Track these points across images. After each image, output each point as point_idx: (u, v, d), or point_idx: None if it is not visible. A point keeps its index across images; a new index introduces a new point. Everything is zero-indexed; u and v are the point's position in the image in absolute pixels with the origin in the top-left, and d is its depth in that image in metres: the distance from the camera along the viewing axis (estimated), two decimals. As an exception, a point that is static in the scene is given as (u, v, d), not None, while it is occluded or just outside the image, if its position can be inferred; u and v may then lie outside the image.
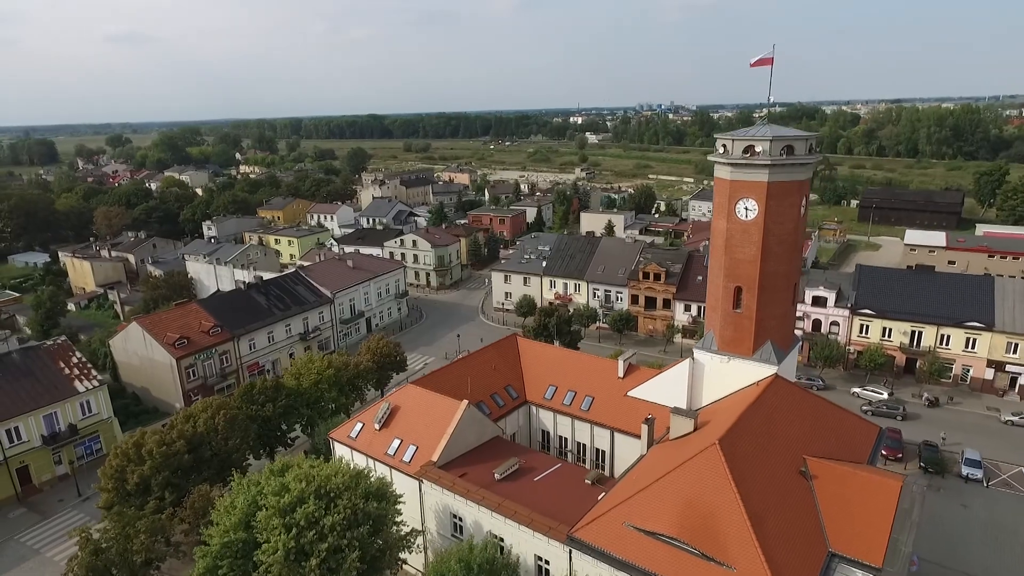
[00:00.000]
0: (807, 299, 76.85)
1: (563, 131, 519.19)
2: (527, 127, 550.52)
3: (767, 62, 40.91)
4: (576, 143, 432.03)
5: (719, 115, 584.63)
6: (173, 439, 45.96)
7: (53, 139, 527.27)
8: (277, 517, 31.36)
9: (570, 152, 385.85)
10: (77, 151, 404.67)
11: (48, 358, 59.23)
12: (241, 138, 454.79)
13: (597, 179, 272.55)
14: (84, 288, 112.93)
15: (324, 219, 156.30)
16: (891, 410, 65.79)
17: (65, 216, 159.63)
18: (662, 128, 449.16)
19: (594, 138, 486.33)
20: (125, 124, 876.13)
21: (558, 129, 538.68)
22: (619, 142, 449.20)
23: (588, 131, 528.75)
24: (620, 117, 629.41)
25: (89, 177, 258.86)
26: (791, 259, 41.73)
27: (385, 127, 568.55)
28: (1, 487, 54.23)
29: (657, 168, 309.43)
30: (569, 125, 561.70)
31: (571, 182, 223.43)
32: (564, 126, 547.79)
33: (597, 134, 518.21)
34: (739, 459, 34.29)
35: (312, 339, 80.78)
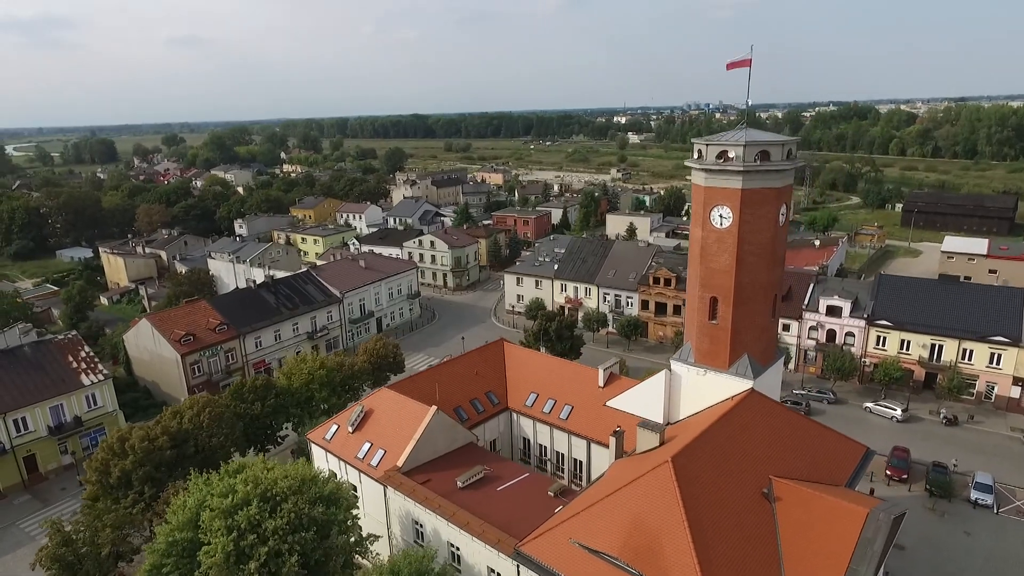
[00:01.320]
0: (821, 308, 73.88)
1: (605, 131, 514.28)
2: (569, 127, 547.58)
3: (745, 63, 39.27)
4: (617, 143, 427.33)
5: (768, 114, 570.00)
6: (157, 435, 47.18)
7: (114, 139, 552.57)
8: (220, 519, 31.74)
9: (610, 152, 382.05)
10: (134, 150, 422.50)
11: (58, 352, 61.78)
12: (288, 137, 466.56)
13: (633, 180, 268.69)
14: (118, 283, 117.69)
15: (352, 218, 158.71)
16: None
17: (111, 213, 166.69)
18: (706, 128, 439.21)
19: (636, 138, 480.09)
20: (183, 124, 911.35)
21: (600, 129, 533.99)
22: (661, 142, 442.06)
23: (631, 131, 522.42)
24: (664, 117, 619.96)
25: (141, 175, 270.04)
26: (769, 270, 39.95)
27: (428, 127, 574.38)
28: (8, 474, 56.83)
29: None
30: (611, 125, 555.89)
31: (604, 183, 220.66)
32: (606, 126, 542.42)
33: (640, 134, 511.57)
34: (694, 478, 33.01)
35: (320, 338, 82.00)
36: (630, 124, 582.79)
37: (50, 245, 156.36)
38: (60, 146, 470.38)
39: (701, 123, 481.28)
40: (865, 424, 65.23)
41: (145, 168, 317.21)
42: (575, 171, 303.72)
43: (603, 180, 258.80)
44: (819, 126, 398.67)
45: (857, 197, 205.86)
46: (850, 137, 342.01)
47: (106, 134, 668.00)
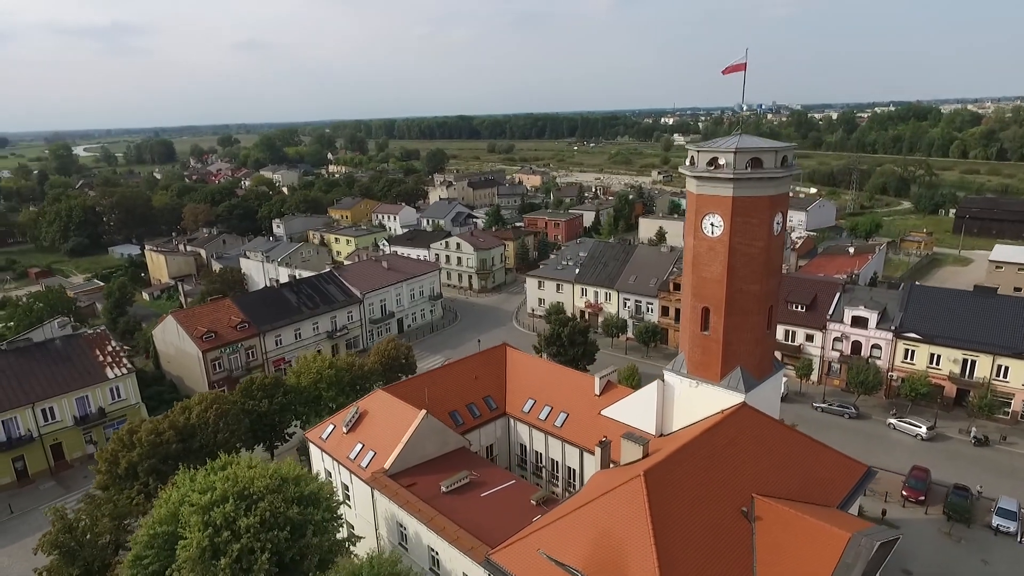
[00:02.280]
0: (846, 319, 71.09)
1: (650, 132, 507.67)
2: (614, 128, 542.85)
3: (740, 68, 38.19)
4: (661, 145, 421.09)
5: (823, 115, 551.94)
6: (164, 429, 48.96)
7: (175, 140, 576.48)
8: (197, 514, 32.70)
9: (654, 154, 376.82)
10: (191, 151, 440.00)
11: (86, 346, 64.81)
12: (336, 138, 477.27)
13: (674, 182, 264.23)
14: (160, 280, 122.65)
15: (387, 219, 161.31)
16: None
17: (160, 212, 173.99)
18: (754, 129, 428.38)
19: (682, 140, 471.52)
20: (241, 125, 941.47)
21: (645, 130, 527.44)
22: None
23: (677, 132, 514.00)
24: (713, 118, 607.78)
25: (194, 175, 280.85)
26: (763, 280, 38.70)
27: (473, 128, 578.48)
28: (36, 461, 59.93)
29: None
30: (657, 126, 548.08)
31: (641, 185, 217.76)
32: (651, 127, 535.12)
33: (687, 135, 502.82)
34: (668, 494, 32.26)
35: (339, 337, 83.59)
36: (677, 125, 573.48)
37: (104, 242, 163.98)
38: (124, 147, 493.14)
39: (749, 124, 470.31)
40: (887, 441, 62.52)
41: (199, 168, 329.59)
42: (616, 173, 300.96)
43: (642, 183, 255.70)
44: (874, 127, 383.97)
45: (908, 202, 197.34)
46: (907, 139, 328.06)
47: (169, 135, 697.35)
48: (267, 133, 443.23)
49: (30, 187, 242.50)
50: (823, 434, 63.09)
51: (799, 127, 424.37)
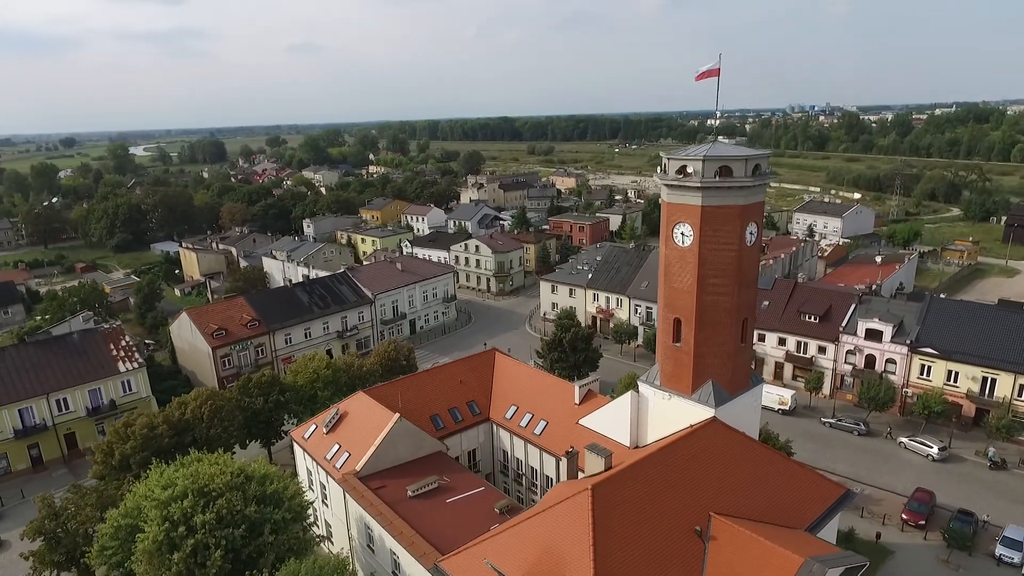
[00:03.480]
0: (859, 331, 68.40)
1: (694, 134, 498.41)
2: (657, 130, 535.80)
3: (713, 74, 37.15)
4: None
5: (878, 116, 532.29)
6: (158, 423, 50.68)
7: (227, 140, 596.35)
8: (156, 508, 33.76)
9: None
10: (241, 151, 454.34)
11: (101, 340, 67.68)
12: (379, 139, 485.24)
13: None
14: (192, 276, 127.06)
15: (416, 220, 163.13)
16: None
17: (200, 211, 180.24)
18: (801, 132, 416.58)
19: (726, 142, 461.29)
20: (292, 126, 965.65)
21: (689, 132, 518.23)
22: (752, 146, 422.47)
23: (723, 135, 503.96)
24: (761, 119, 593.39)
25: (239, 175, 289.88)
26: (735, 292, 37.50)
27: (515, 129, 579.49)
28: (51, 449, 62.91)
29: (784, 175, 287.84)
30: (702, 128, 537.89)
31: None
32: (696, 129, 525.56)
33: (732, 138, 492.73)
34: (616, 509, 31.60)
35: (349, 337, 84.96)
36: (722, 127, 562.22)
37: (147, 239, 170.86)
38: (179, 147, 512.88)
39: (797, 126, 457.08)
40: (895, 460, 59.90)
41: (245, 168, 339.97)
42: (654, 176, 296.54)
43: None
44: (930, 130, 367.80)
45: (959, 209, 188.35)
46: (965, 142, 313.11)
47: (223, 136, 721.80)
48: (312, 134, 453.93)
49: (86, 186, 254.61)
50: (828, 451, 61.31)
51: (849, 129, 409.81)
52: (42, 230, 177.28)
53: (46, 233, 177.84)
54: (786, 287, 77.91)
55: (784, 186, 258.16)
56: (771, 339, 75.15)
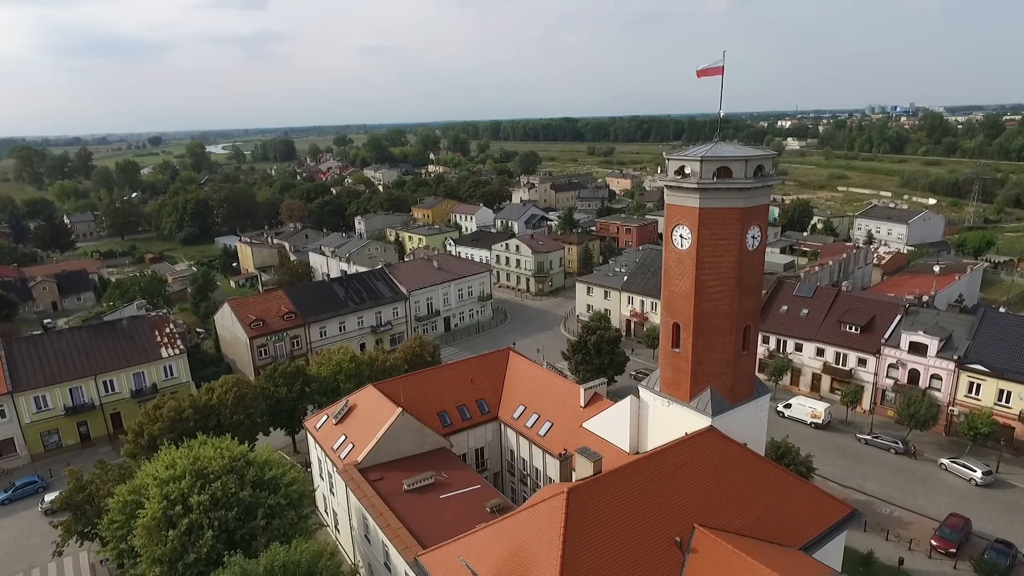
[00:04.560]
0: (903, 344, 64.64)
1: (761, 136, 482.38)
2: (723, 131, 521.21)
3: (716, 71, 35.94)
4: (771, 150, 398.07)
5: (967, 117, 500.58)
6: (185, 407, 53.30)
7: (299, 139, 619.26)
8: (157, 487, 35.56)
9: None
10: (309, 150, 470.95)
11: (148, 327, 71.72)
12: (441, 139, 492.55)
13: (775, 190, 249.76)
14: (247, 269, 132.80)
15: (464, 219, 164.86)
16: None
17: (261, 206, 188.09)
18: (878, 134, 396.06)
19: (795, 144, 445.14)
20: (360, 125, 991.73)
21: (757, 134, 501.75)
22: (823, 148, 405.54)
23: (791, 136, 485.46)
24: (836, 120, 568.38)
25: (304, 173, 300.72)
26: (734, 298, 36.21)
27: (577, 130, 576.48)
28: (98, 427, 67.16)
29: (854, 179, 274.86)
30: (771, 130, 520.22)
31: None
32: (763, 131, 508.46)
33: (803, 139, 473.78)
34: (593, 514, 31.09)
35: (383, 332, 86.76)
36: (793, 129, 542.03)
37: (212, 233, 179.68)
38: (252, 145, 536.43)
39: (874, 128, 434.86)
40: (934, 483, 56.29)
41: (311, 166, 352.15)
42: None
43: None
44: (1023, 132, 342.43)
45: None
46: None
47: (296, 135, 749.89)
48: (376, 133, 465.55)
49: (164, 182, 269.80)
50: (859, 468, 58.35)
51: (931, 131, 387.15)
52: (120, 223, 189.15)
53: (123, 226, 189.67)
54: (828, 295, 74.46)
55: (852, 190, 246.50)
56: (809, 349, 72.02)
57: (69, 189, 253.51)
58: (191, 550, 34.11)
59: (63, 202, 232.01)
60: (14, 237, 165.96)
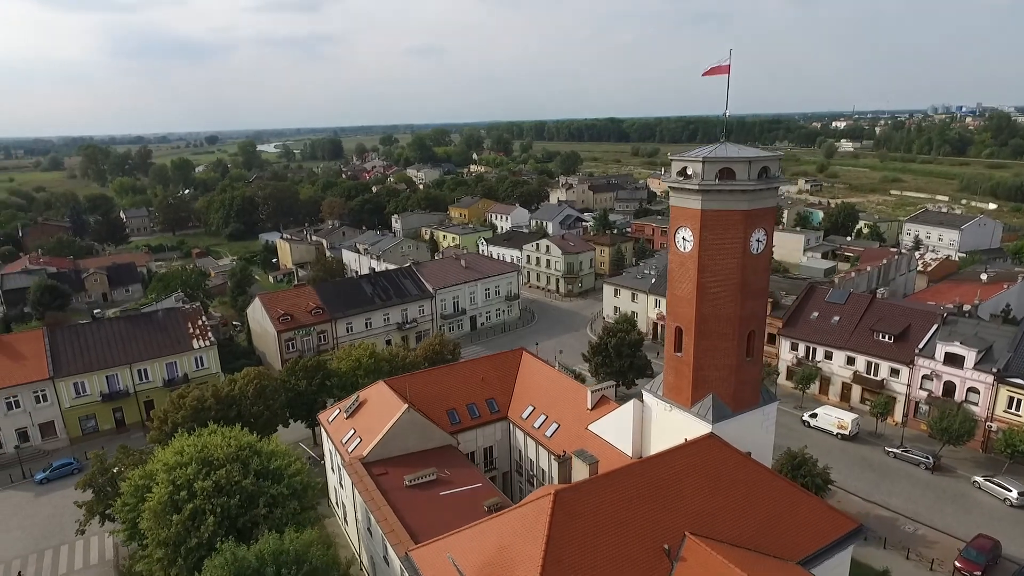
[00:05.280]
0: (938, 355, 61.83)
1: (813, 137, 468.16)
2: (773, 132, 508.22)
3: (723, 70, 35.13)
4: (823, 151, 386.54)
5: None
6: (207, 396, 55.14)
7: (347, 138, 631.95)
8: (165, 472, 36.95)
9: (812, 161, 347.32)
10: (356, 149, 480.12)
11: (181, 319, 74.46)
12: (484, 139, 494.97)
13: (823, 192, 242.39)
14: (286, 265, 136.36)
15: (500, 219, 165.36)
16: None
17: (303, 204, 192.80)
18: (938, 135, 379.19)
19: (849, 146, 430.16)
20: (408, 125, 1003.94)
21: (809, 135, 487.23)
22: (878, 150, 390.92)
23: (847, 137, 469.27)
24: (894, 121, 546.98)
25: (348, 172, 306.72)
26: (737, 302, 35.36)
27: (622, 131, 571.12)
28: (132, 413, 70.06)
29: (909, 183, 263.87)
30: (824, 131, 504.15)
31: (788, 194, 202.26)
32: (816, 132, 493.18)
33: (859, 141, 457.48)
34: (579, 517, 30.83)
35: (409, 329, 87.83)
36: (848, 130, 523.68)
37: (257, 229, 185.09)
38: (301, 144, 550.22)
39: (934, 129, 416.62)
40: (965, 501, 53.66)
41: (355, 165, 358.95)
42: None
43: (786, 191, 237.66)
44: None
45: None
46: None
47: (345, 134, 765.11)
48: (420, 133, 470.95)
49: (215, 179, 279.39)
50: (885, 483, 56.20)
51: (997, 132, 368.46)
52: (172, 218, 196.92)
53: (175, 221, 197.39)
54: (861, 302, 71.82)
55: (906, 194, 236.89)
56: (839, 357, 69.62)
57: (128, 186, 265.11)
58: (193, 535, 35.30)
59: (122, 198, 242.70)
60: (74, 231, 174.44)
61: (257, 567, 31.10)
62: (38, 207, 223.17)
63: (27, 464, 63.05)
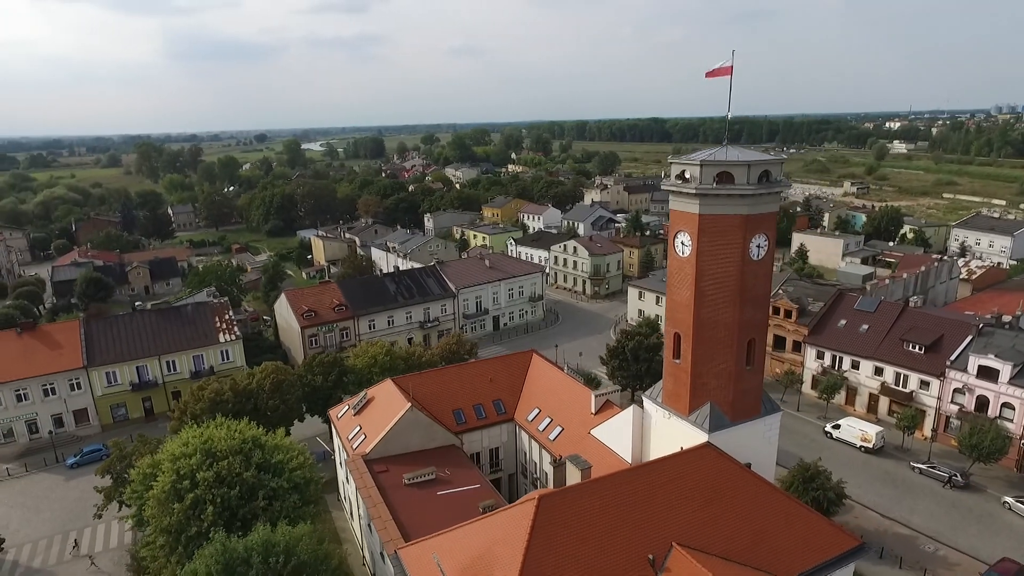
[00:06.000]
0: (971, 368, 59.09)
1: (865, 138, 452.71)
2: (822, 133, 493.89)
3: (725, 72, 34.24)
4: (874, 152, 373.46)
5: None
6: (226, 389, 56.69)
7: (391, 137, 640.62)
8: (170, 461, 38.16)
9: (862, 162, 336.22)
10: (397, 147, 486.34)
11: (209, 313, 76.73)
12: (524, 139, 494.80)
13: (870, 195, 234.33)
14: (319, 262, 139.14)
15: (532, 219, 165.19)
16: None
17: (340, 202, 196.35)
18: (999, 137, 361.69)
19: (902, 147, 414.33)
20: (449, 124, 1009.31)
21: (860, 136, 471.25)
22: (933, 152, 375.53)
23: (901, 139, 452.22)
24: (953, 122, 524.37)
25: (387, 170, 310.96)
26: (737, 309, 34.46)
27: (665, 130, 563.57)
28: (160, 403, 72.55)
29: (964, 186, 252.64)
30: (875, 132, 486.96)
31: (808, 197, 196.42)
32: (867, 133, 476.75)
33: (913, 142, 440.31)
34: (563, 523, 30.59)
35: (431, 328, 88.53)
36: (902, 130, 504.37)
37: (295, 226, 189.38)
38: (345, 143, 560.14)
39: (995, 130, 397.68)
40: (992, 522, 51.16)
41: (395, 164, 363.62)
42: (804, 182, 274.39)
43: (831, 193, 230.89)
44: None
45: None
46: None
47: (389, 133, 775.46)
48: (460, 133, 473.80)
49: (259, 177, 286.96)
50: (907, 500, 54.14)
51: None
52: (215, 214, 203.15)
53: (218, 217, 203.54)
54: (892, 310, 69.18)
55: (959, 198, 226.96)
56: (866, 367, 67.21)
57: (177, 182, 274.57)
58: (193, 523, 36.35)
59: (171, 194, 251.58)
60: (123, 226, 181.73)
61: (246, 557, 31.82)
62: (93, 202, 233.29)
63: (60, 449, 65.98)
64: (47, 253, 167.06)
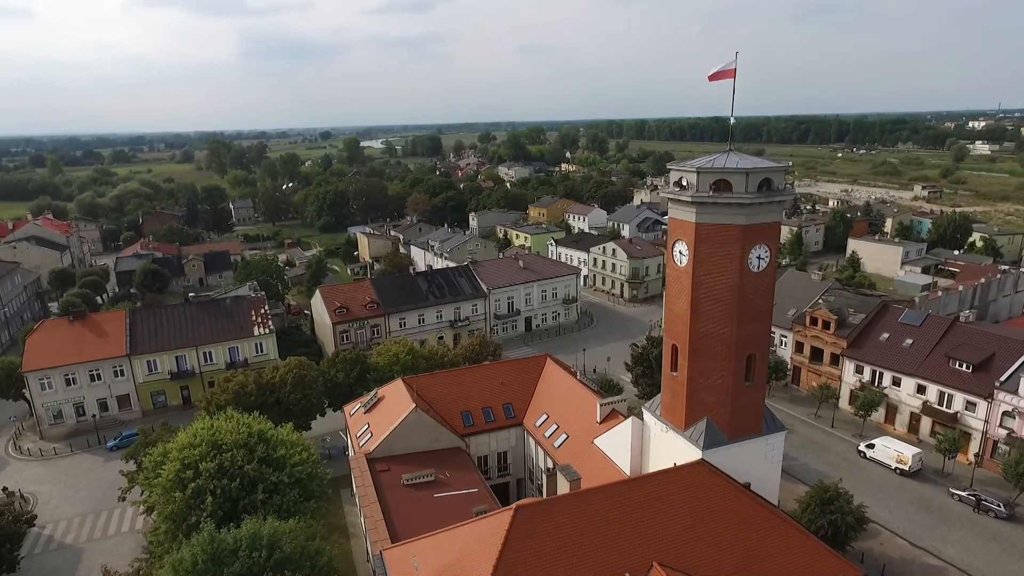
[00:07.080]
0: (1022, 390, 54.85)
1: (943, 139, 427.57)
2: (896, 133, 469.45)
3: (728, 75, 32.77)
4: (952, 154, 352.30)
5: None
6: (249, 382, 58.52)
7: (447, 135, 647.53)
8: (177, 451, 39.62)
9: (938, 164, 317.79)
10: (454, 146, 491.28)
11: (246, 306, 79.39)
12: (580, 137, 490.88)
13: (944, 200, 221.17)
14: (364, 258, 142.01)
15: (577, 219, 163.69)
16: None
17: (390, 199, 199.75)
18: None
19: (986, 148, 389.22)
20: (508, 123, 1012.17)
21: (939, 136, 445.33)
22: (1019, 153, 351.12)
23: (983, 139, 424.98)
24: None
25: (442, 169, 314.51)
26: (734, 322, 33.02)
27: (726, 130, 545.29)
28: (196, 391, 75.45)
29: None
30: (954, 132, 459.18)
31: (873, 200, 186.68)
32: (945, 133, 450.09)
33: (998, 143, 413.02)
34: (539, 534, 30.12)
35: (461, 327, 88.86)
36: (987, 130, 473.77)
37: (346, 222, 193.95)
38: (404, 141, 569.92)
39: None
40: (1040, 559, 47.27)
41: (450, 162, 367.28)
42: (873, 185, 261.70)
43: (899, 197, 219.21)
44: None
45: None
46: None
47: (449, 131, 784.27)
48: (515, 131, 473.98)
49: (318, 173, 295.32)
50: (941, 528, 51.02)
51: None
52: (272, 209, 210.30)
53: (275, 212, 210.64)
54: (940, 325, 64.97)
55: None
56: (908, 384, 63.38)
57: (240, 178, 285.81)
58: (194, 512, 37.64)
59: (234, 189, 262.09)
60: (187, 219, 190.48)
61: (234, 549, 32.66)
62: (163, 196, 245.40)
63: (103, 432, 69.67)
64: (116, 244, 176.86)
